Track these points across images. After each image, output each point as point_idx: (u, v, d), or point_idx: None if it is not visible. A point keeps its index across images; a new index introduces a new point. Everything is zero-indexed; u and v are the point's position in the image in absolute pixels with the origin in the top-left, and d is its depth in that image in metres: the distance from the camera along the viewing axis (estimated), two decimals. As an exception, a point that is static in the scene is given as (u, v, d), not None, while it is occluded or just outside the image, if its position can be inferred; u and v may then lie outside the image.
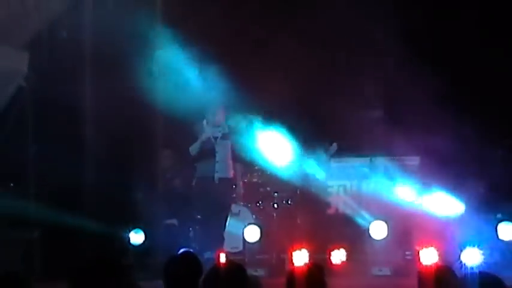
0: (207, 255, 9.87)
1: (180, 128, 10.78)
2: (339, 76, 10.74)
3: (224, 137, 10.60)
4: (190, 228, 11.58)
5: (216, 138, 10.55)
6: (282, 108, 11.12)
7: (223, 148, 10.61)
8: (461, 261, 8.42)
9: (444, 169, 10.30)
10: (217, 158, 10.56)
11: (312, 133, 11.45)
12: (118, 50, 11.16)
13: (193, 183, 11.11)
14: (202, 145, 10.57)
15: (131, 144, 11.98)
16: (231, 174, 10.79)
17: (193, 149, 10.58)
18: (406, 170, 11.31)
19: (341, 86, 10.94)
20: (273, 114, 11.08)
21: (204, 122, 10.61)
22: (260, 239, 11.07)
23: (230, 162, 10.74)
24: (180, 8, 11.89)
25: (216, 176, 10.55)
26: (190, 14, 11.67)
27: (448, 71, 10.38)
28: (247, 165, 11.66)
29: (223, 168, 10.61)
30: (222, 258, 9.90)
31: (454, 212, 10.31)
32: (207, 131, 10.54)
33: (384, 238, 10.70)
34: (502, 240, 9.78)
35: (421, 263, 8.98)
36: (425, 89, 10.04)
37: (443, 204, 10.42)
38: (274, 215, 11.75)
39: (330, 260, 10.56)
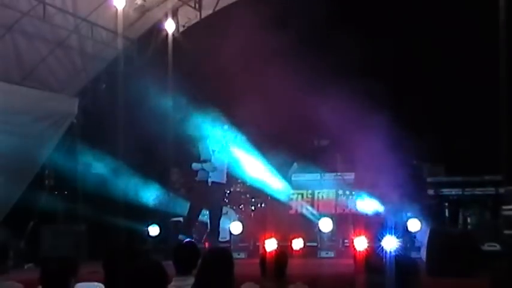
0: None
1: (184, 154, 10.68)
2: (299, 117, 10.71)
3: (220, 151, 10.00)
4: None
5: (214, 151, 9.96)
6: (260, 138, 11.11)
7: (218, 159, 9.97)
8: (382, 246, 8.41)
9: (371, 182, 10.32)
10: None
11: (280, 157, 11.48)
12: (142, 95, 11.19)
13: (192, 186, 10.73)
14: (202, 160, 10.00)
15: (150, 165, 11.95)
16: (223, 180, 10.12)
17: (195, 166, 10.05)
18: (345, 182, 11.32)
19: (300, 124, 10.93)
20: (254, 144, 11.05)
21: (207, 142, 9.99)
22: (242, 231, 11.06)
23: (224, 170, 10.06)
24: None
25: (210, 180, 9.89)
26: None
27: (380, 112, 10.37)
28: (233, 178, 11.63)
29: (215, 174, 9.94)
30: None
31: (377, 211, 10.33)
32: (208, 149, 9.95)
33: (330, 230, 10.69)
34: (410, 232, 9.81)
35: (355, 248, 8.97)
36: (360, 126, 10.06)
37: (371, 206, 10.45)
38: (252, 214, 11.71)
39: (292, 246, 10.51)
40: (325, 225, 10.65)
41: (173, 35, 12.62)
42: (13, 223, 11.18)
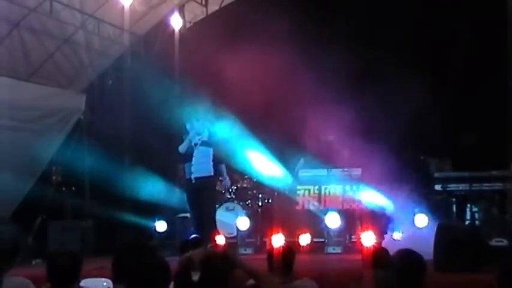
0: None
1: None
2: (306, 113, 10.70)
3: (203, 143, 9.34)
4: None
5: (195, 144, 9.35)
6: (265, 134, 11.12)
7: (200, 153, 9.30)
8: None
9: (378, 178, 10.31)
10: (193, 162, 9.31)
11: (287, 152, 11.48)
12: (147, 92, 11.21)
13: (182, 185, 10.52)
14: (187, 147, 9.36)
15: (156, 161, 11.96)
16: (207, 173, 9.37)
17: (181, 147, 9.42)
18: (352, 178, 11.29)
19: (307, 120, 10.92)
20: (260, 140, 11.04)
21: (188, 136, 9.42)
22: (249, 227, 11.05)
23: (208, 164, 9.34)
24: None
25: (192, 176, 9.32)
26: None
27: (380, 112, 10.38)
28: (240, 174, 11.63)
29: (197, 169, 9.30)
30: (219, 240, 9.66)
31: (385, 207, 10.31)
32: (191, 136, 9.36)
33: (337, 226, 10.65)
34: (417, 227, 9.79)
35: (362, 244, 8.95)
36: (364, 122, 10.06)
37: (378, 202, 10.43)
38: (259, 210, 11.67)
39: (299, 242, 10.51)
40: (332, 220, 10.61)
41: (180, 31, 12.64)
42: (21, 219, 11.20)
